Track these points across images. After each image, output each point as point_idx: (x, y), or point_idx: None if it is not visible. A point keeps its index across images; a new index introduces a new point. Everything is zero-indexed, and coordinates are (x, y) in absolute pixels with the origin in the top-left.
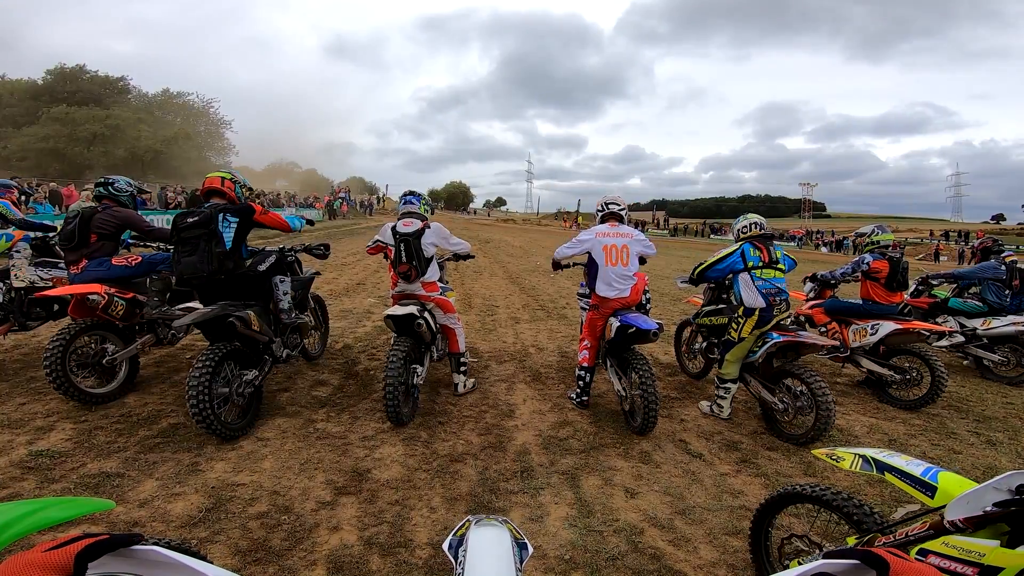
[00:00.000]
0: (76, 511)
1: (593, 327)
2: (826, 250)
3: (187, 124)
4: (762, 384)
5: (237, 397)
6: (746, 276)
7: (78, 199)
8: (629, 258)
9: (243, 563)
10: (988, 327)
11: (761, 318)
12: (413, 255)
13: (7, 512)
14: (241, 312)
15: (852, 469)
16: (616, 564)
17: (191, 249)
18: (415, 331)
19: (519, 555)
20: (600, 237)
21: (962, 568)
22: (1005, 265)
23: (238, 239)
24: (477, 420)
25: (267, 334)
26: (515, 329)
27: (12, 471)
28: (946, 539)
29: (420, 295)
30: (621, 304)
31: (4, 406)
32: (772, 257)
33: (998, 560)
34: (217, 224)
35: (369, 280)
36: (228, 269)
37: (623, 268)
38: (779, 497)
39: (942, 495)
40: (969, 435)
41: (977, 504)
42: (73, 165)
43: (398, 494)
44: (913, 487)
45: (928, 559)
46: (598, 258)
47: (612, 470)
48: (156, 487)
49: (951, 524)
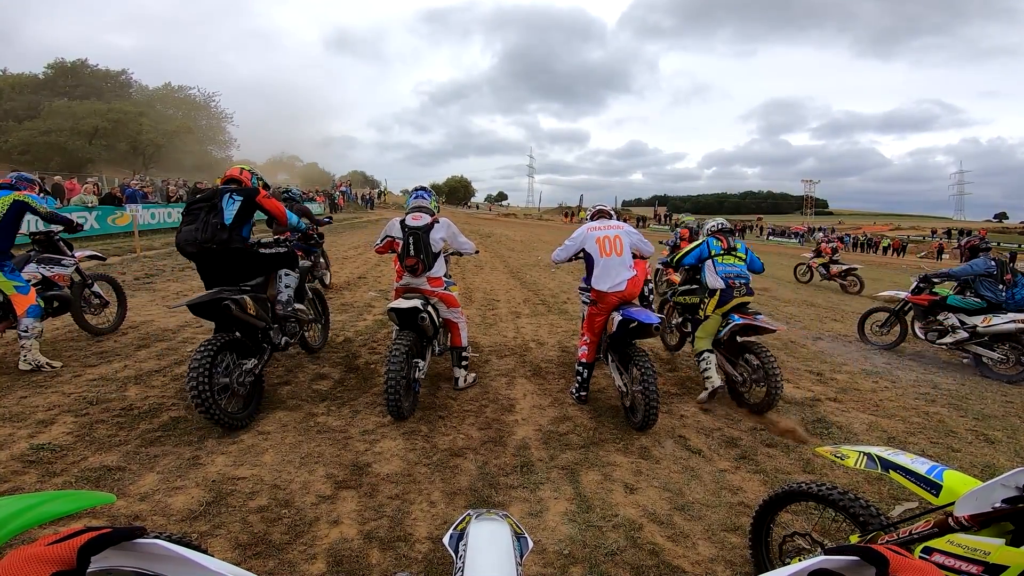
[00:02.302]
0: (78, 505)
1: (592, 323)
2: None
3: (188, 118)
4: (726, 358)
5: (238, 386)
6: (710, 263)
7: (80, 193)
8: (623, 247)
9: (243, 557)
10: (988, 324)
11: (722, 298)
12: (421, 249)
13: (8, 506)
14: (236, 296)
15: (857, 467)
16: (615, 559)
17: (192, 219)
18: (418, 325)
19: (519, 549)
20: (591, 231)
21: (967, 566)
22: (994, 260)
23: (239, 218)
24: (477, 415)
25: (264, 319)
26: (516, 323)
27: (13, 465)
28: (951, 537)
29: (425, 289)
30: (619, 299)
31: (5, 400)
32: (731, 245)
33: (1003, 558)
34: (220, 200)
35: (370, 274)
36: (222, 240)
37: (618, 258)
38: (781, 495)
39: (947, 493)
40: (968, 433)
41: (985, 501)
42: (75, 159)
43: (398, 488)
44: (918, 485)
45: (932, 557)
46: (592, 251)
47: (611, 465)
48: (157, 481)
49: (957, 521)
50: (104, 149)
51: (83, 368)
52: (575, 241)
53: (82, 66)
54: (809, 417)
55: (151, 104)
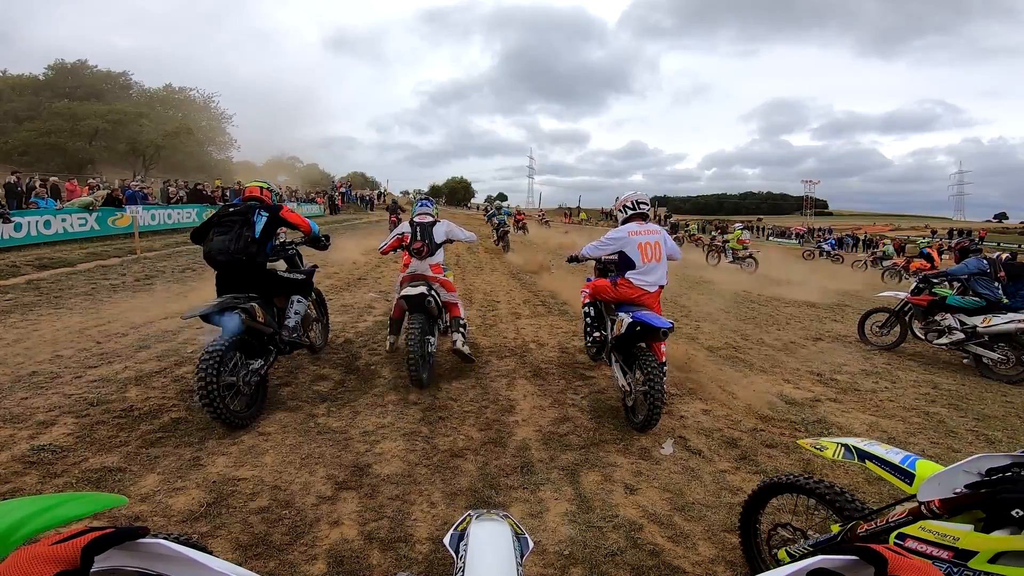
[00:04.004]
0: (92, 507)
1: (602, 291)
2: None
3: (188, 119)
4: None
5: (244, 386)
6: None
7: (80, 194)
8: (661, 254)
9: (244, 557)
10: (988, 325)
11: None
12: (426, 237)
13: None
14: (246, 304)
15: (834, 458)
16: (615, 560)
17: (226, 230)
18: (425, 307)
19: (519, 549)
20: (633, 236)
21: (938, 551)
22: (986, 259)
23: (265, 232)
24: (477, 415)
25: (271, 326)
26: (516, 324)
27: (14, 466)
28: (923, 524)
29: (428, 275)
30: (639, 296)
31: (5, 401)
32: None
33: (972, 544)
34: (253, 215)
35: (370, 275)
36: (251, 253)
37: (656, 263)
38: (763, 489)
39: (920, 482)
40: (968, 434)
41: (948, 486)
42: (75, 160)
43: (399, 489)
44: (892, 474)
45: (906, 543)
46: (634, 256)
47: (612, 466)
48: (158, 481)
49: (927, 508)
50: (104, 150)
51: (84, 369)
52: (614, 242)
53: (82, 67)
54: (809, 418)
55: (151, 105)
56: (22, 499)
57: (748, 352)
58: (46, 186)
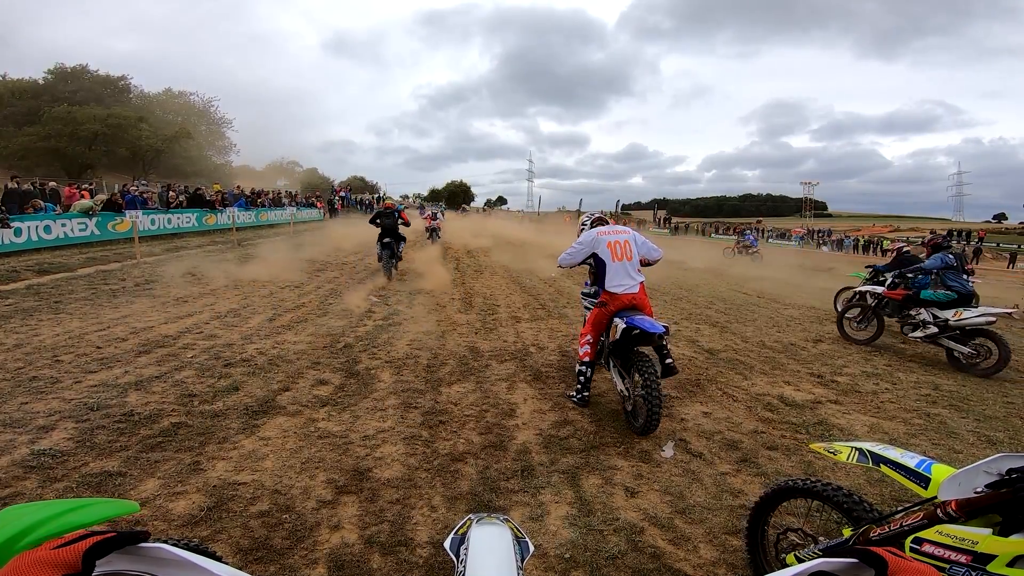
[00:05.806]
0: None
1: (598, 323)
2: (827, 249)
3: (188, 123)
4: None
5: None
6: None
7: (79, 199)
8: (632, 253)
9: (244, 562)
10: (960, 318)
11: None
12: (437, 216)
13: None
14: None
15: (849, 462)
16: (616, 563)
17: (389, 219)
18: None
19: (520, 553)
20: (602, 235)
21: (956, 555)
22: (952, 255)
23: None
24: (478, 419)
25: (400, 239)
26: (516, 328)
27: (14, 470)
28: (939, 528)
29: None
30: (630, 300)
31: (6, 405)
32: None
33: (991, 548)
34: (396, 213)
35: (369, 280)
36: (394, 227)
37: (629, 263)
38: (774, 492)
39: (935, 486)
40: (969, 434)
41: (968, 485)
42: (74, 164)
43: (399, 493)
44: (908, 478)
45: (923, 547)
46: (604, 256)
47: (612, 469)
48: (158, 486)
49: (943, 508)
50: (104, 155)
51: (83, 374)
52: (584, 245)
53: (82, 71)
54: (810, 420)
55: (151, 109)
56: (34, 504)
57: (748, 354)
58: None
